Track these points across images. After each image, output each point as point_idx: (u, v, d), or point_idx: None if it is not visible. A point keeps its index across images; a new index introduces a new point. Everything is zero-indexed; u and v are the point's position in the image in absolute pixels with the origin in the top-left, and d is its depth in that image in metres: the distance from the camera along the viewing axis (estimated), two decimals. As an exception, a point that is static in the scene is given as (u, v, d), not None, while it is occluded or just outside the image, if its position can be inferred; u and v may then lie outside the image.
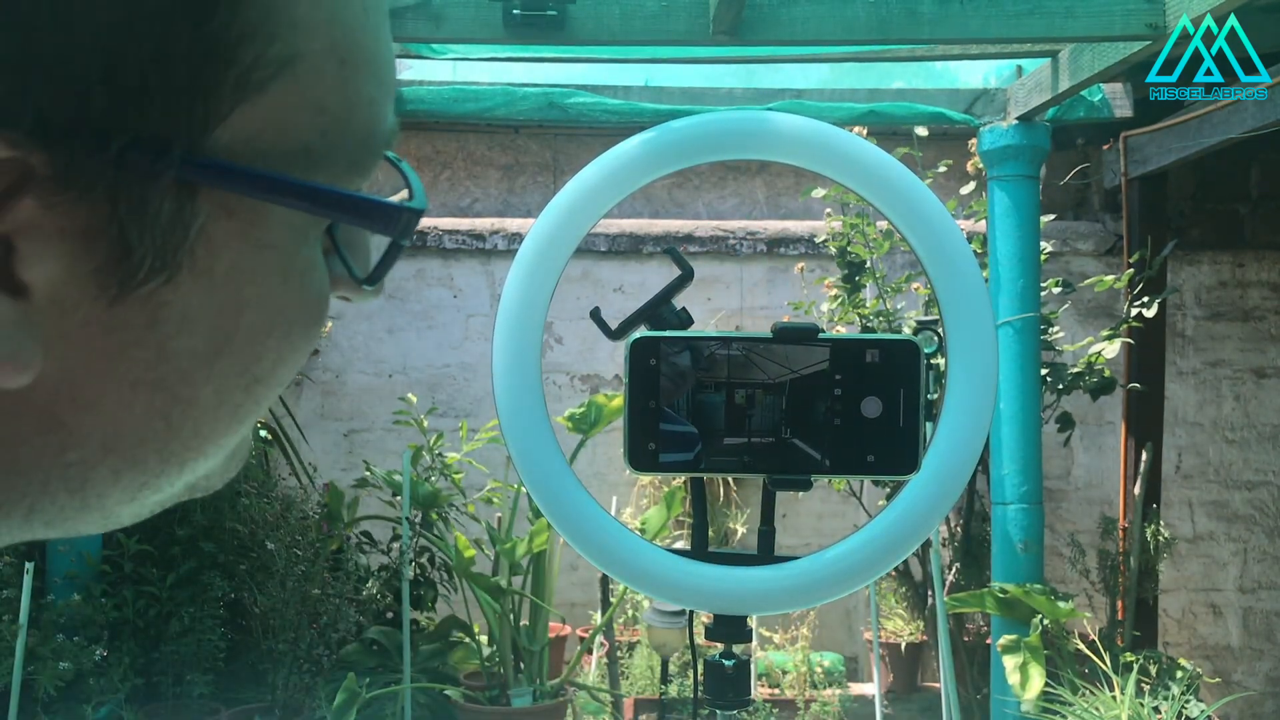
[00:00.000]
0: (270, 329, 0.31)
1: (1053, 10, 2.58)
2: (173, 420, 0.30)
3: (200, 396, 0.30)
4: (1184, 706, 2.94)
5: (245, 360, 0.31)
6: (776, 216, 4.85)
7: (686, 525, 4.24)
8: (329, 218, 0.31)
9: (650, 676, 3.80)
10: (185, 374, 0.30)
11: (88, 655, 3.17)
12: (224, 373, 0.30)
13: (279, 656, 3.33)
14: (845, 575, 0.91)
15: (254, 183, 0.28)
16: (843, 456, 0.86)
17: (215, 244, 0.29)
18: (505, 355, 0.92)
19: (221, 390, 0.31)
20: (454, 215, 4.78)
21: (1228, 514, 4.66)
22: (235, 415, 0.32)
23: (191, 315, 0.29)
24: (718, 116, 0.96)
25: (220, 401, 0.31)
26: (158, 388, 0.29)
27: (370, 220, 0.31)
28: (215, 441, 0.32)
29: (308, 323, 0.32)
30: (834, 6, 2.60)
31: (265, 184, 0.29)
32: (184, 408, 0.30)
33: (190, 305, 0.29)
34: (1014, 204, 3.33)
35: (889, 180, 0.94)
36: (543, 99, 3.50)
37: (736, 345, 0.85)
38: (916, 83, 3.77)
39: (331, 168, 0.31)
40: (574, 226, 0.94)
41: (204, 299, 0.29)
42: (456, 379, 4.60)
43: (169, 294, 0.28)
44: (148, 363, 0.29)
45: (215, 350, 0.30)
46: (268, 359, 0.32)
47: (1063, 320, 4.19)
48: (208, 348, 0.30)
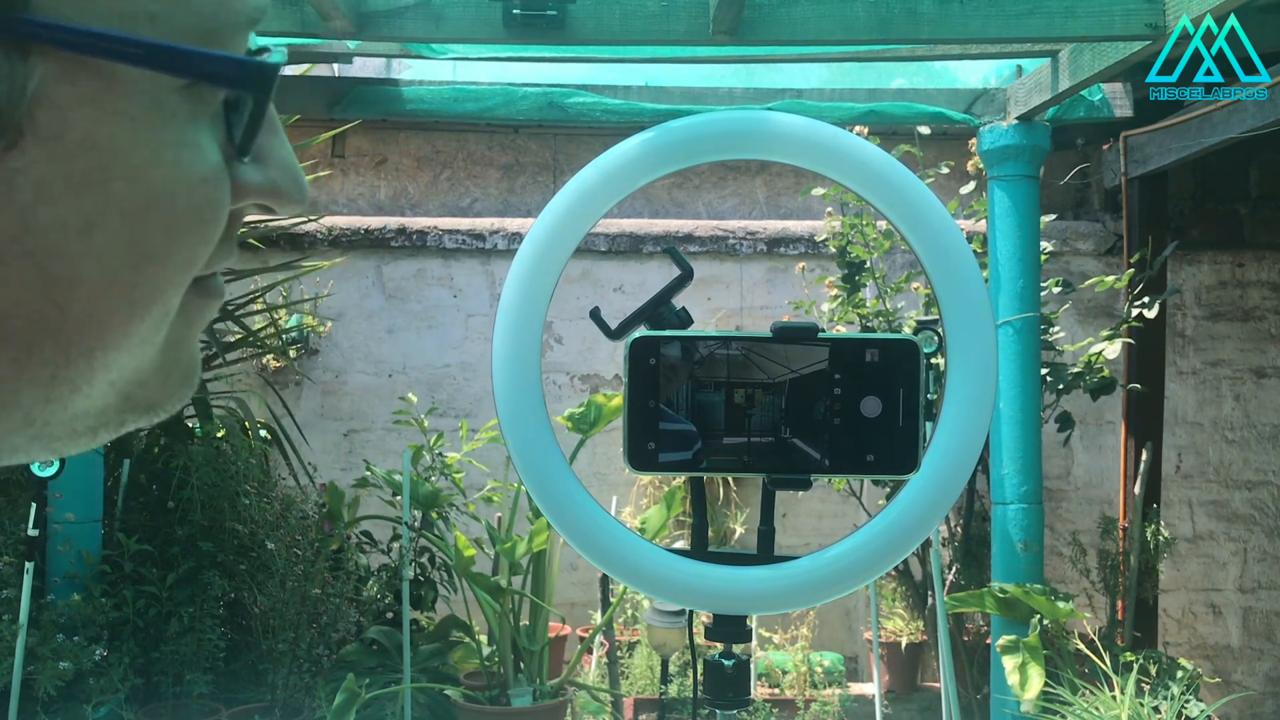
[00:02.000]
0: (149, 205, 0.31)
1: (1053, 10, 2.58)
2: (58, 300, 0.30)
3: (83, 274, 0.30)
4: (1184, 706, 2.94)
5: (126, 236, 0.31)
6: (776, 216, 4.85)
7: (686, 525, 4.24)
8: (171, 73, 0.31)
9: (650, 676, 3.80)
10: (56, 248, 0.29)
11: (88, 655, 3.17)
12: (104, 249, 0.30)
13: (279, 656, 3.33)
14: (845, 575, 0.91)
15: (83, 39, 0.28)
16: (842, 456, 0.86)
17: (61, 109, 0.29)
18: (505, 355, 0.92)
19: (107, 268, 0.30)
20: (454, 215, 4.78)
21: (1228, 514, 4.66)
22: (132, 297, 0.32)
23: (48, 184, 0.29)
24: (718, 116, 0.96)
25: (109, 281, 0.31)
26: (31, 262, 0.29)
27: (211, 75, 0.31)
28: (117, 328, 0.32)
29: (195, 203, 0.32)
30: (834, 6, 2.60)
31: (94, 40, 0.28)
32: (67, 286, 0.30)
33: (45, 174, 0.29)
34: (1014, 204, 3.33)
35: (889, 180, 0.94)
36: (543, 99, 3.50)
37: (736, 345, 0.85)
38: (916, 82, 3.76)
39: (176, 32, 0.30)
40: (574, 227, 0.94)
41: (59, 168, 0.29)
42: (456, 379, 4.60)
43: (17, 160, 0.28)
44: (13, 235, 0.29)
45: (87, 223, 0.30)
46: (154, 237, 0.31)
47: (1063, 320, 4.20)
48: (77, 220, 0.29)
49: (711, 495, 4.39)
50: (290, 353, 4.48)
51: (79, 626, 3.26)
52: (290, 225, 4.43)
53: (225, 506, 3.46)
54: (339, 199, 4.83)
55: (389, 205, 4.84)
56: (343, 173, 4.83)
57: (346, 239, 4.56)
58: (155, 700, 3.37)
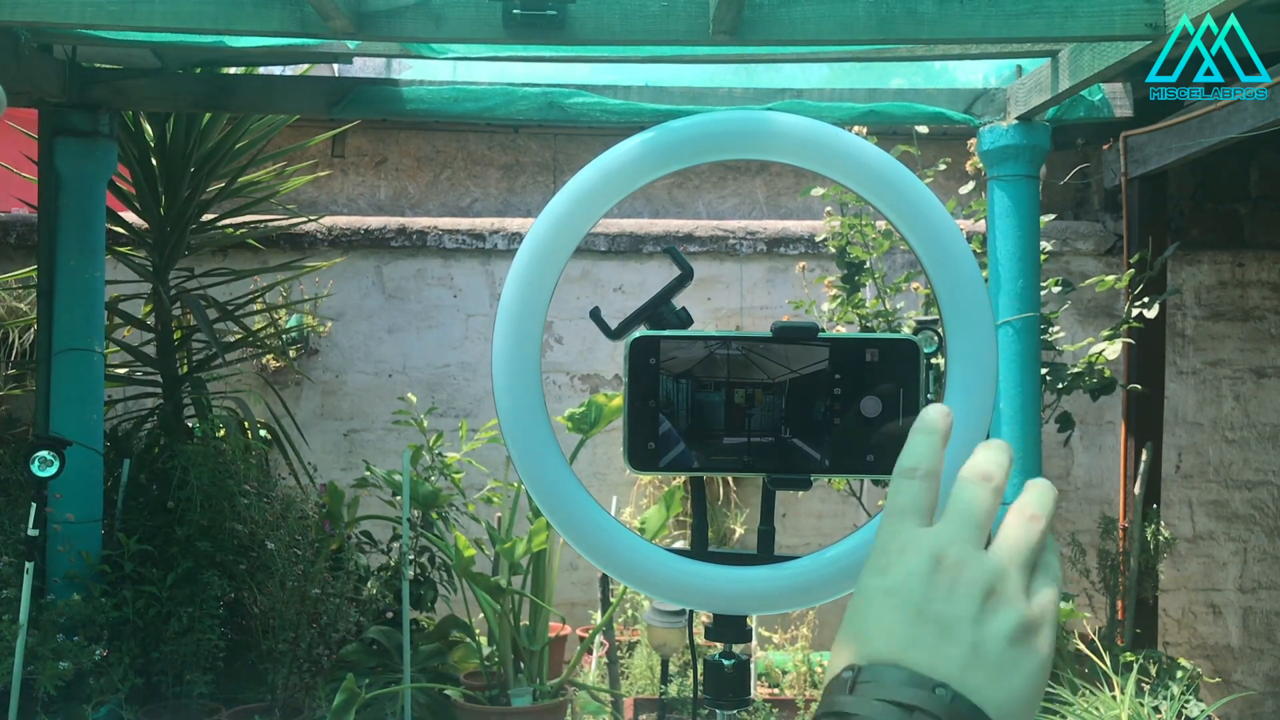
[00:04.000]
0: None
1: (1053, 10, 2.58)
2: None
3: None
4: (1184, 706, 2.94)
5: None
6: (776, 216, 4.85)
7: (686, 525, 4.24)
8: None
9: (650, 676, 3.79)
10: None
11: (87, 655, 3.17)
12: None
13: (279, 656, 3.33)
14: (845, 575, 0.91)
15: None
16: (842, 456, 0.86)
17: None
18: (505, 355, 0.92)
19: None
20: (454, 215, 4.78)
21: (1227, 514, 4.66)
22: None
23: None
24: (718, 116, 0.96)
25: None
26: None
27: None
28: None
29: None
30: (834, 6, 2.60)
31: None
32: None
33: None
34: (1014, 204, 3.33)
35: (889, 180, 0.94)
36: (543, 99, 3.49)
37: (736, 345, 0.85)
38: (916, 82, 3.76)
39: None
40: (574, 227, 0.94)
41: None
42: (456, 379, 4.60)
43: None
44: None
45: None
46: None
47: (1063, 320, 4.19)
48: None
49: (711, 495, 4.39)
50: (290, 353, 4.48)
51: (79, 626, 3.26)
52: (290, 225, 4.43)
53: (225, 506, 3.46)
54: (339, 199, 4.83)
55: (389, 205, 4.84)
56: (343, 173, 4.83)
57: (346, 239, 4.56)
58: (155, 700, 3.37)
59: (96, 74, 3.52)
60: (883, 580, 0.48)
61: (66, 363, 3.48)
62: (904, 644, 0.46)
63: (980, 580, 0.47)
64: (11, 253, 4.46)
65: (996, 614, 0.47)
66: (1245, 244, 4.64)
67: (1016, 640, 0.46)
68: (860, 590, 0.49)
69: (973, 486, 0.51)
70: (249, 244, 4.43)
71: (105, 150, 3.55)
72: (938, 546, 0.48)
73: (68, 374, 3.48)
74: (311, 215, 4.51)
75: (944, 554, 0.48)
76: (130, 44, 3.22)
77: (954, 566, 0.48)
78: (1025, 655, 0.46)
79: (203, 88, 3.60)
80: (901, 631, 0.47)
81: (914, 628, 0.46)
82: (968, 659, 0.45)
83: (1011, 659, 0.46)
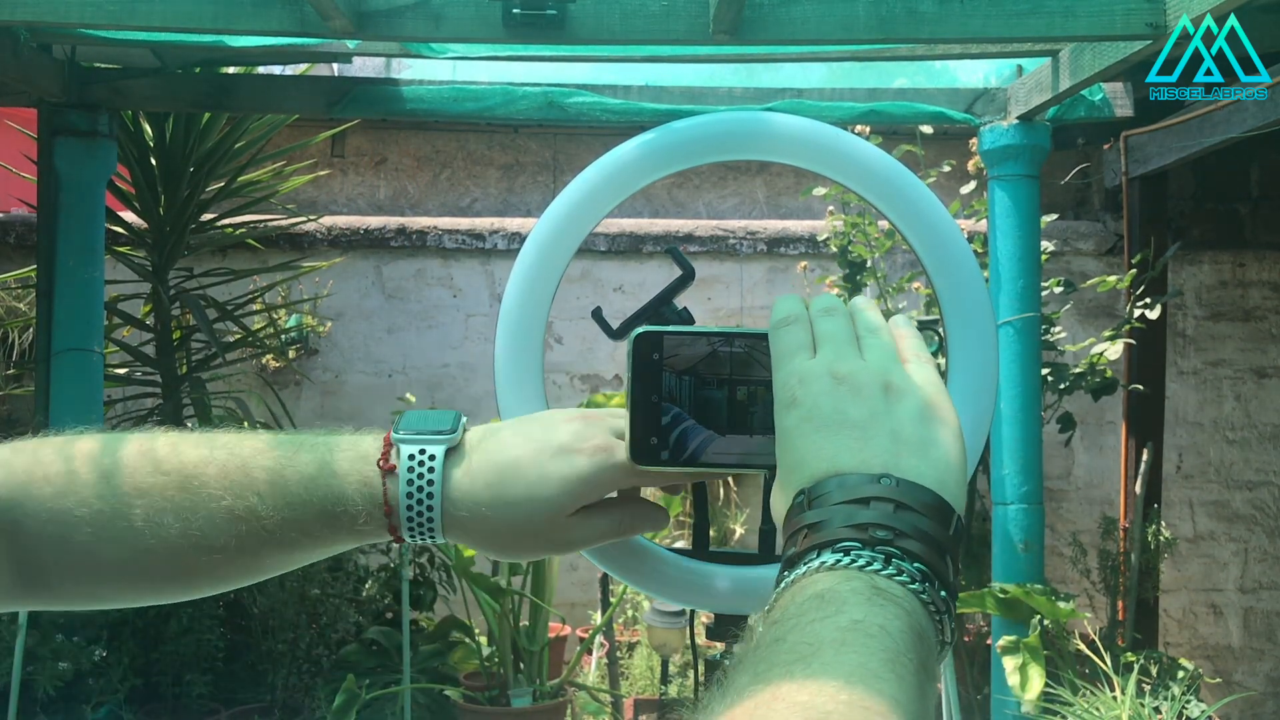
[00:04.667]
0: None
1: (1053, 10, 2.58)
2: None
3: None
4: (1184, 707, 2.94)
5: None
6: (777, 216, 4.85)
7: (686, 525, 4.24)
8: None
9: (650, 676, 3.79)
10: None
11: (87, 655, 3.17)
12: None
13: (278, 657, 3.33)
14: (846, 575, 0.90)
15: None
16: (844, 456, 0.86)
17: None
18: (507, 356, 0.92)
19: None
20: (454, 215, 4.78)
21: (1228, 514, 4.66)
22: None
23: None
24: (718, 117, 0.96)
25: None
26: None
27: None
28: None
29: None
30: (834, 6, 2.60)
31: None
32: None
33: None
34: (1014, 204, 3.33)
35: (889, 180, 0.94)
36: (543, 99, 3.49)
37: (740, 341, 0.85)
38: (917, 82, 3.76)
39: None
40: (575, 228, 0.94)
41: None
42: (456, 379, 4.60)
43: None
44: None
45: None
46: None
47: (1064, 320, 4.19)
48: None
49: (711, 495, 4.39)
50: (290, 353, 4.48)
51: (78, 627, 3.26)
52: (290, 225, 4.43)
53: (225, 507, 3.45)
54: (339, 199, 4.83)
55: (389, 205, 4.84)
56: (342, 172, 4.83)
57: (346, 239, 4.56)
58: (154, 700, 3.37)
59: (96, 74, 3.52)
60: (797, 411, 0.54)
61: (66, 363, 3.48)
62: (835, 455, 0.51)
63: (875, 380, 0.54)
64: (11, 253, 4.46)
65: (900, 402, 0.53)
66: (1246, 244, 4.64)
67: (925, 418, 0.52)
68: (781, 431, 0.55)
69: (823, 319, 0.58)
70: (248, 244, 4.43)
71: (105, 150, 3.55)
72: (828, 366, 0.55)
73: (67, 374, 3.48)
74: (311, 215, 4.51)
75: (836, 370, 0.54)
76: (129, 44, 3.22)
77: (849, 377, 0.54)
78: (937, 428, 0.52)
79: (202, 87, 3.60)
80: (829, 446, 0.52)
81: (838, 438, 0.52)
82: (892, 447, 0.51)
83: (927, 435, 0.52)
